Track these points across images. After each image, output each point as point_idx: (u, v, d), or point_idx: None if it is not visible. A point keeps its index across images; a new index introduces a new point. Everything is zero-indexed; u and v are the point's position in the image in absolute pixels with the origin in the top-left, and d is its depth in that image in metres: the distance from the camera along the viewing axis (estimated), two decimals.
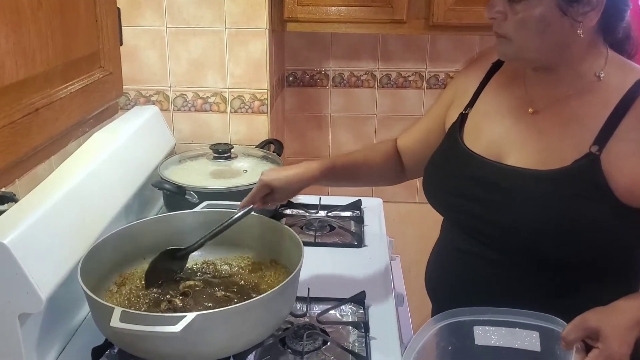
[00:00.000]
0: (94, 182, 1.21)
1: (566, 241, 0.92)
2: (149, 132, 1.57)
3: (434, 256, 1.15)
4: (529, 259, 0.96)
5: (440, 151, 1.11)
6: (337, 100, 2.13)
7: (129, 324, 0.87)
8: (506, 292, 0.99)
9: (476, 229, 1.01)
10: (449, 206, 1.07)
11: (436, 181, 1.09)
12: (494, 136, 1.02)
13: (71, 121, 0.71)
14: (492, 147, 1.01)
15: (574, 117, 0.95)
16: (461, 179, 1.03)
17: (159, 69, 1.68)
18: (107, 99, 0.82)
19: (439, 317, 0.93)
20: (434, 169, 1.10)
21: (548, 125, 0.97)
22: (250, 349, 1.02)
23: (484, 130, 1.04)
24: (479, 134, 1.04)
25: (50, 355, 1.02)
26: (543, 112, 0.98)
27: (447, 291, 1.09)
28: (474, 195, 1.00)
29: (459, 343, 0.92)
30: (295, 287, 1.08)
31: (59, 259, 1.02)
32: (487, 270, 1.01)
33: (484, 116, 1.06)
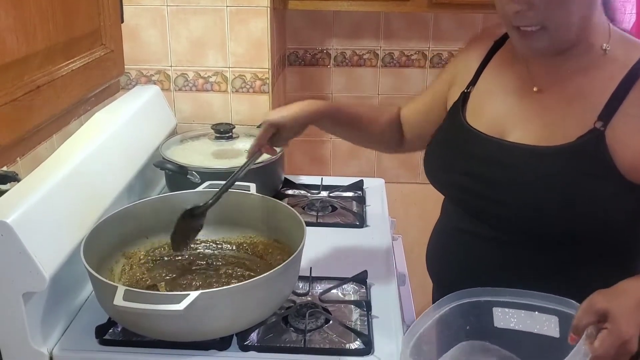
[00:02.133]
0: (96, 162, 1.21)
1: (569, 218, 0.91)
2: (151, 112, 1.57)
3: (434, 236, 1.15)
4: (530, 236, 0.96)
5: (442, 129, 1.10)
6: (339, 79, 2.11)
7: (133, 303, 0.88)
8: (507, 270, 0.99)
9: (477, 206, 1.00)
10: (449, 184, 1.06)
11: (437, 159, 1.08)
12: (497, 114, 1.01)
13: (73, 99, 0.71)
14: (495, 124, 1.00)
15: (579, 93, 0.93)
16: (462, 156, 1.03)
17: (160, 48, 1.67)
18: (108, 77, 0.82)
19: (457, 295, 0.92)
20: (435, 147, 1.10)
21: (553, 102, 0.96)
22: (253, 327, 1.03)
23: (486, 108, 1.03)
24: (482, 112, 1.04)
25: (54, 333, 1.03)
26: (548, 89, 0.97)
27: (448, 271, 1.09)
28: (475, 172, 0.99)
29: (477, 323, 0.92)
30: (298, 267, 1.08)
31: (62, 238, 1.02)
32: (487, 248, 1.01)
33: (486, 94, 1.05)
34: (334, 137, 1.92)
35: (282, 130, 1.09)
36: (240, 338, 1.01)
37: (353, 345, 1.01)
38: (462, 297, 0.93)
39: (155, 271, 1.15)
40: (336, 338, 1.03)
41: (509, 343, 0.92)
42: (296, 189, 1.61)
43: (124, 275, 1.13)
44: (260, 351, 1.00)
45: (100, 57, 0.80)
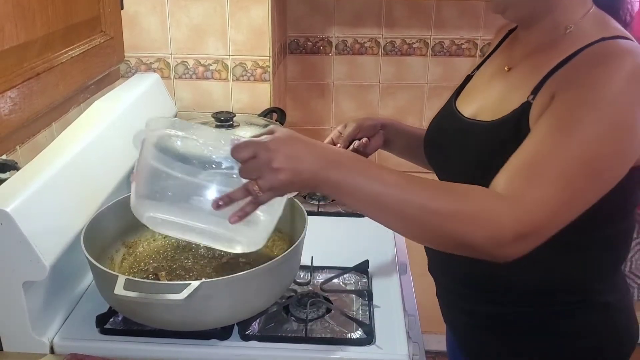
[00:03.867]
0: (96, 150, 1.20)
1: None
2: (151, 100, 1.56)
3: None
4: None
5: (437, 113, 1.13)
6: (340, 67, 2.10)
7: (133, 292, 0.87)
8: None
9: (439, 178, 1.04)
10: (429, 160, 1.10)
11: (427, 141, 1.11)
12: (473, 94, 1.04)
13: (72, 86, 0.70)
14: (470, 103, 1.03)
15: (533, 69, 0.91)
16: (440, 133, 1.06)
17: (160, 35, 1.65)
18: (108, 64, 0.81)
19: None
20: (428, 129, 1.12)
21: (512, 79, 0.96)
22: (254, 317, 1.02)
23: (473, 90, 1.06)
24: (469, 95, 1.06)
25: (55, 322, 1.03)
26: (515, 68, 0.97)
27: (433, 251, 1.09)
28: (445, 148, 1.03)
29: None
30: (299, 256, 1.08)
31: (62, 227, 1.02)
32: None
33: (478, 78, 1.08)
34: (334, 126, 1.92)
35: (361, 129, 1.15)
36: (241, 327, 1.01)
37: (354, 334, 1.01)
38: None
39: (155, 260, 1.15)
40: (337, 327, 1.03)
41: None
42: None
43: (125, 265, 1.13)
44: (262, 341, 1.00)
45: (100, 44, 0.79)
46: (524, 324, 0.97)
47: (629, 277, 2.33)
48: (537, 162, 0.77)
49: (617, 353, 1.00)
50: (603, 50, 0.83)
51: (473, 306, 1.02)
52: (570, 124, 0.78)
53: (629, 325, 1.01)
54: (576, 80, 0.82)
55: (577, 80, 0.82)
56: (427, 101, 2.11)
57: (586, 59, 0.83)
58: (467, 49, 2.05)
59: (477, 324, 1.03)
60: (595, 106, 0.78)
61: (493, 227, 0.74)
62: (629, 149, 0.80)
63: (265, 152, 0.75)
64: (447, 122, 1.05)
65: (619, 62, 0.80)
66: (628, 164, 0.81)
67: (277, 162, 0.74)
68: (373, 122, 1.19)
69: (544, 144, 0.79)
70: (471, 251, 0.77)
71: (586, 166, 0.77)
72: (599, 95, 0.78)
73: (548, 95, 0.84)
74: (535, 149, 0.79)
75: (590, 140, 0.77)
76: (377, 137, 1.19)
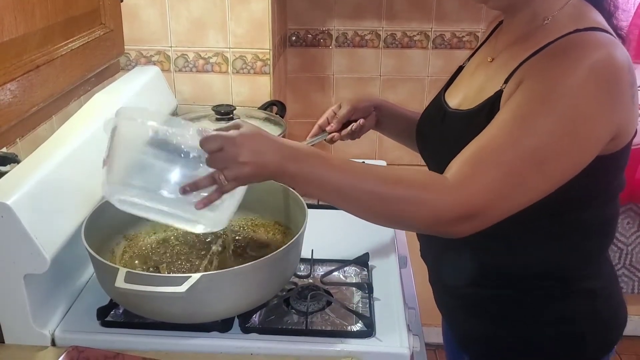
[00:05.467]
0: (97, 143, 1.19)
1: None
2: (151, 93, 1.55)
3: None
4: None
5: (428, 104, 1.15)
6: (340, 60, 2.09)
7: (134, 285, 0.87)
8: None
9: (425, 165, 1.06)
10: (420, 151, 1.11)
11: (418, 133, 1.12)
12: (463, 86, 1.05)
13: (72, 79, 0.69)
14: (460, 96, 1.03)
15: (511, 59, 0.92)
16: (428, 125, 1.08)
17: (160, 28, 1.65)
18: (108, 57, 0.81)
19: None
20: (419, 121, 1.12)
21: (492, 69, 0.97)
22: (254, 309, 1.03)
23: (460, 81, 1.08)
24: (457, 86, 1.08)
25: (56, 315, 1.03)
26: (496, 58, 0.99)
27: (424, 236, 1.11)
28: (429, 137, 1.05)
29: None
30: (299, 249, 1.08)
31: (63, 220, 1.02)
32: None
33: (467, 69, 1.09)
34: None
35: (356, 111, 1.16)
36: (241, 320, 1.01)
37: (355, 327, 1.02)
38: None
39: (156, 253, 1.15)
40: (338, 320, 1.03)
41: None
42: None
43: (125, 257, 1.13)
44: (262, 333, 1.00)
45: (100, 36, 0.79)
46: (508, 309, 0.99)
47: (629, 270, 2.33)
48: (487, 149, 0.81)
49: (602, 340, 1.00)
50: (570, 43, 0.83)
51: (460, 290, 1.03)
52: (526, 114, 0.81)
53: (616, 313, 1.02)
54: (539, 71, 0.83)
55: (541, 71, 0.83)
56: (428, 94, 2.10)
57: (553, 50, 0.84)
58: (468, 42, 2.05)
59: (463, 308, 1.05)
60: (551, 97, 0.79)
61: (433, 210, 0.80)
62: (585, 142, 0.81)
63: (232, 147, 0.80)
64: (434, 113, 1.07)
65: (582, 55, 0.80)
66: (585, 155, 0.82)
67: (243, 156, 0.80)
68: (367, 103, 1.20)
69: (498, 132, 0.82)
70: (418, 230, 0.91)
71: (533, 156, 0.79)
72: (556, 87, 0.80)
73: (515, 84, 0.85)
74: (490, 136, 0.82)
75: (541, 132, 0.79)
76: (370, 118, 1.21)
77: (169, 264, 1.11)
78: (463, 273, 1.01)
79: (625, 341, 1.02)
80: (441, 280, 1.09)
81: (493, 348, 1.02)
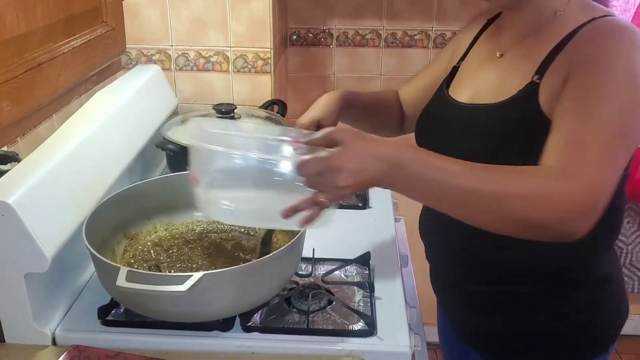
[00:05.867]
0: (97, 142, 1.20)
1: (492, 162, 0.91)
2: (151, 92, 1.55)
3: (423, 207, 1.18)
4: None
5: (428, 103, 1.14)
6: (341, 60, 2.09)
7: (135, 284, 0.87)
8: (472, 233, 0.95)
9: None
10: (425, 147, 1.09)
11: (422, 131, 1.11)
12: (468, 82, 1.06)
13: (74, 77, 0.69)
14: (465, 91, 1.04)
15: (527, 52, 0.96)
16: (435, 121, 1.07)
17: (161, 27, 1.65)
18: (110, 55, 0.80)
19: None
20: (420, 119, 1.13)
21: (506, 64, 1.00)
22: (256, 309, 1.02)
23: (463, 78, 1.08)
24: (460, 82, 1.08)
25: (57, 314, 1.03)
26: (506, 53, 1.01)
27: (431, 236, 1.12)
28: (441, 134, 1.04)
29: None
30: (301, 248, 1.07)
31: (64, 219, 1.02)
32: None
33: (467, 66, 1.10)
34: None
35: (323, 122, 1.07)
36: (243, 319, 1.01)
37: (356, 326, 1.01)
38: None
39: (157, 252, 1.15)
40: (339, 319, 1.03)
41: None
42: None
43: (126, 256, 1.13)
44: (263, 332, 1.00)
45: (102, 34, 0.79)
46: (517, 303, 1.00)
47: (629, 270, 2.33)
48: (579, 140, 0.80)
49: (610, 328, 1.03)
50: (602, 27, 0.88)
51: (470, 286, 1.04)
52: (597, 100, 0.82)
53: (621, 300, 1.05)
54: (587, 57, 0.86)
55: (589, 57, 0.86)
56: None
57: (587, 38, 0.88)
58: None
59: (472, 304, 1.05)
60: (614, 76, 0.83)
61: (560, 204, 0.75)
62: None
63: (330, 173, 0.77)
64: (441, 110, 1.07)
65: (620, 35, 0.86)
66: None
67: (342, 180, 0.77)
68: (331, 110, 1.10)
69: (578, 122, 0.82)
70: (540, 232, 0.78)
71: (622, 136, 0.81)
72: (615, 66, 0.83)
73: (559, 77, 0.87)
74: (571, 128, 0.82)
75: (619, 111, 0.81)
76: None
77: (170, 263, 1.11)
78: (477, 272, 1.02)
79: (625, 340, 1.03)
80: (450, 278, 1.09)
81: (506, 342, 1.03)
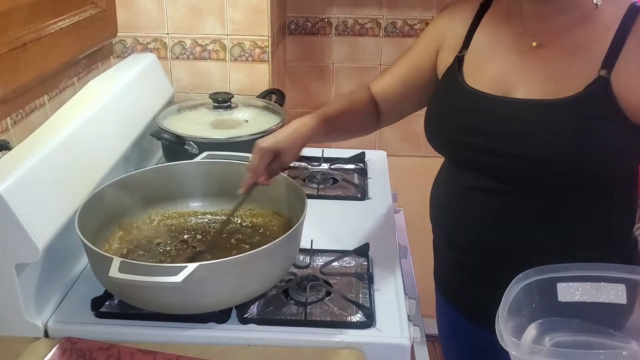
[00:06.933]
0: (91, 131, 1.18)
1: (582, 164, 0.95)
2: (147, 81, 1.53)
3: (440, 200, 1.14)
4: (543, 185, 0.99)
5: (441, 93, 1.10)
6: (340, 49, 2.06)
7: (129, 274, 0.85)
8: (521, 221, 1.02)
9: (486, 163, 1.01)
10: (454, 144, 1.07)
11: (439, 122, 1.08)
12: (497, 73, 1.02)
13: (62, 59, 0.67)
14: (496, 83, 1.01)
15: (578, 45, 0.97)
16: (466, 115, 1.03)
17: (157, 15, 1.62)
18: (100, 38, 0.78)
19: (524, 276, 0.91)
20: (436, 110, 1.09)
21: (554, 55, 0.98)
22: (253, 300, 1.01)
23: (485, 69, 1.04)
24: (481, 73, 1.04)
25: (49, 305, 1.01)
26: (547, 44, 0.99)
27: (463, 231, 1.08)
28: (480, 129, 1.00)
29: (541, 301, 0.90)
30: (299, 239, 1.06)
31: (56, 208, 1.00)
32: (500, 202, 1.02)
33: (483, 55, 1.05)
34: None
35: (281, 155, 1.03)
36: (239, 311, 0.99)
37: (354, 317, 1.00)
38: (528, 277, 0.90)
39: (152, 242, 1.13)
40: (337, 311, 1.01)
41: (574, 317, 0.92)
42: (297, 161, 1.58)
43: (120, 247, 1.11)
44: (260, 324, 0.98)
45: (92, 16, 0.76)
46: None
47: None
48: None
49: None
50: None
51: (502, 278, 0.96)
52: None
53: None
54: None
55: None
56: None
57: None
58: None
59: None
60: None
61: None
62: None
63: None
64: (486, 106, 1.01)
65: None
66: None
67: None
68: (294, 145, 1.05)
69: None
70: None
71: None
72: None
73: (635, 65, 0.92)
74: None
75: None
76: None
77: (165, 253, 1.09)
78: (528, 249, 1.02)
79: None
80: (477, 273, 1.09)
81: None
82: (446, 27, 1.12)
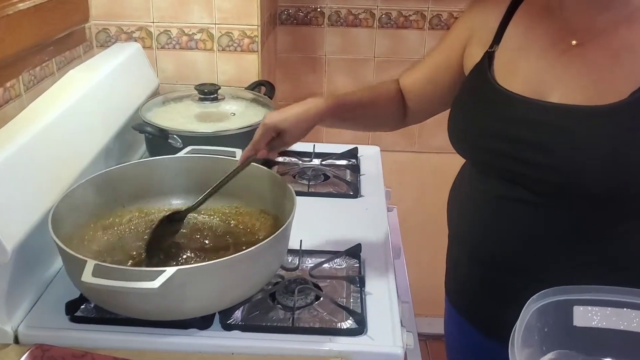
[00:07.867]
0: (70, 122, 1.12)
1: (625, 176, 0.87)
2: (131, 71, 1.47)
3: (463, 207, 1.06)
4: (579, 199, 0.91)
5: (468, 92, 1.02)
6: (333, 40, 2.01)
7: (103, 279, 0.80)
8: (553, 234, 0.94)
9: (519, 172, 0.93)
10: (480, 149, 0.98)
11: (466, 124, 1.00)
12: (534, 73, 0.94)
13: (23, 43, 0.61)
14: (532, 84, 0.93)
15: (626, 46, 0.87)
16: (497, 119, 0.95)
17: (141, 2, 1.55)
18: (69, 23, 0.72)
19: (538, 297, 0.84)
20: (462, 111, 1.02)
21: (597, 57, 0.90)
22: (237, 305, 0.95)
23: (519, 67, 0.96)
24: (515, 72, 0.96)
25: (20, 309, 0.95)
26: (589, 43, 0.90)
27: (490, 244, 1.00)
28: (514, 136, 0.92)
29: (555, 325, 0.83)
30: (287, 240, 1.01)
31: (28, 206, 0.94)
32: (532, 215, 0.94)
33: (517, 53, 0.97)
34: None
35: (284, 134, 0.99)
36: (223, 316, 0.94)
37: (345, 324, 0.95)
38: (543, 298, 0.83)
39: (132, 243, 1.07)
40: (327, 316, 0.96)
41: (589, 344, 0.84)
42: (286, 156, 1.53)
43: (99, 248, 1.05)
44: (245, 330, 0.93)
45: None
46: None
47: None
48: None
49: None
50: None
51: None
52: None
53: None
54: None
55: None
56: None
57: None
58: None
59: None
60: None
61: None
62: None
63: None
64: (519, 110, 0.94)
65: None
66: None
67: None
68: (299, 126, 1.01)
69: None
70: None
71: None
72: None
73: None
74: None
75: None
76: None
77: (145, 255, 1.03)
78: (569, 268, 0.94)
79: None
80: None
81: None
82: (476, 17, 1.04)
